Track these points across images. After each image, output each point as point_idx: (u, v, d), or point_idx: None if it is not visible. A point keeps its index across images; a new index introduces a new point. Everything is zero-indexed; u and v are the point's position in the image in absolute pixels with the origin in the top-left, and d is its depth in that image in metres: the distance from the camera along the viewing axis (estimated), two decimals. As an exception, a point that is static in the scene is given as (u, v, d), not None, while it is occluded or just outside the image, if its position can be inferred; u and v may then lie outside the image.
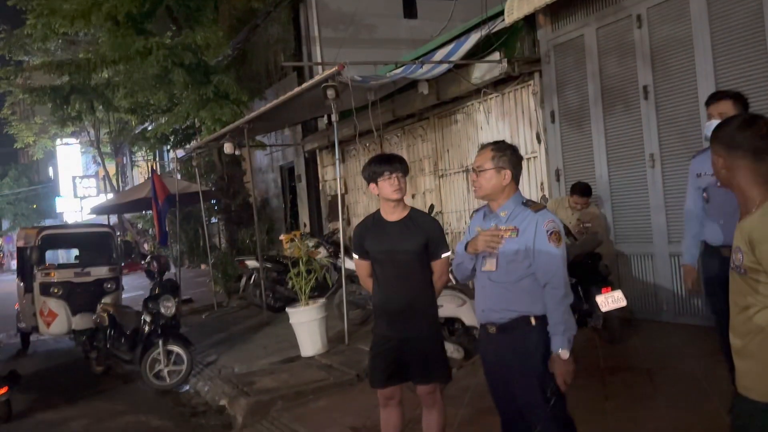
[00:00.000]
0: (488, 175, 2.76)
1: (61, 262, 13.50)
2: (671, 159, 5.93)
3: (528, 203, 2.80)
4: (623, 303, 5.40)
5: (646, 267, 6.32)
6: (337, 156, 7.35)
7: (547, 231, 2.67)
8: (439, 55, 8.06)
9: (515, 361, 2.72)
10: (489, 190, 2.79)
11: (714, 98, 3.61)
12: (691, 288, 3.78)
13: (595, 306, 5.36)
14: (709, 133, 2.42)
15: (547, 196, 7.09)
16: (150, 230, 20.48)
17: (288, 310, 6.97)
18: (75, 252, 10.88)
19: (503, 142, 2.91)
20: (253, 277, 10.09)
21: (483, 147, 2.87)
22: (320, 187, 13.07)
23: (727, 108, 3.44)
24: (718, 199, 3.40)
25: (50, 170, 37.32)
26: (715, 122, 3.08)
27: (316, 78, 6.99)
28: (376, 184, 3.36)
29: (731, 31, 5.36)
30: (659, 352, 5.32)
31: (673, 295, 6.06)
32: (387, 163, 3.37)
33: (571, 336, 2.65)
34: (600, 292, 5.38)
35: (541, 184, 7.41)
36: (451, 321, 5.81)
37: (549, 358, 2.65)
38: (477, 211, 2.99)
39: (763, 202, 1.93)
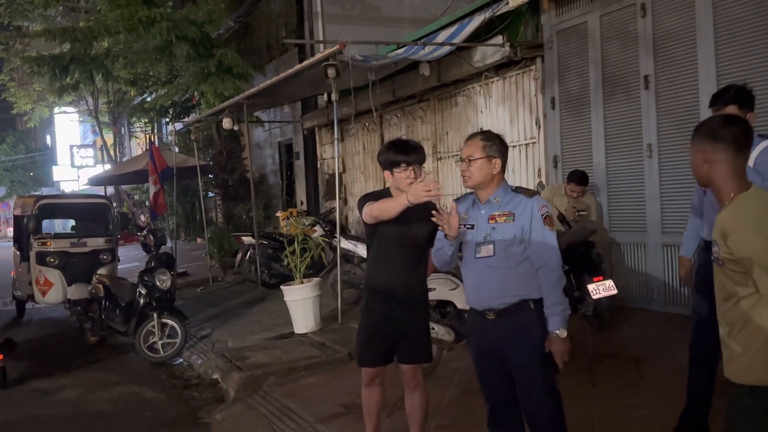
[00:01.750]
0: (479, 164, 2.78)
1: (57, 231, 13.51)
2: (669, 150, 5.94)
3: (518, 189, 2.85)
4: (614, 291, 5.47)
5: (638, 256, 6.37)
6: (336, 135, 7.34)
7: (542, 215, 2.75)
8: (442, 36, 8.01)
9: (517, 344, 2.75)
10: (480, 179, 2.80)
11: (719, 102, 3.33)
12: (684, 279, 3.82)
13: (587, 293, 5.43)
14: None
15: (543, 182, 7.11)
16: (146, 202, 20.43)
17: (283, 287, 7.02)
18: (71, 222, 10.89)
19: (490, 131, 2.93)
20: (248, 252, 10.13)
21: (472, 136, 2.87)
22: (318, 165, 13.04)
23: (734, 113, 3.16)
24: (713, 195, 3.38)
25: (48, 138, 37.09)
26: None
27: (317, 56, 6.96)
28: (391, 172, 3.30)
29: (735, 24, 5.35)
30: (647, 341, 5.40)
31: (663, 284, 6.12)
32: (404, 153, 3.26)
33: (567, 316, 2.73)
34: (592, 281, 5.44)
35: (539, 170, 7.42)
36: (443, 304, 5.86)
37: (546, 339, 2.71)
38: (458, 200, 2.97)
39: (736, 196, 2.06)
